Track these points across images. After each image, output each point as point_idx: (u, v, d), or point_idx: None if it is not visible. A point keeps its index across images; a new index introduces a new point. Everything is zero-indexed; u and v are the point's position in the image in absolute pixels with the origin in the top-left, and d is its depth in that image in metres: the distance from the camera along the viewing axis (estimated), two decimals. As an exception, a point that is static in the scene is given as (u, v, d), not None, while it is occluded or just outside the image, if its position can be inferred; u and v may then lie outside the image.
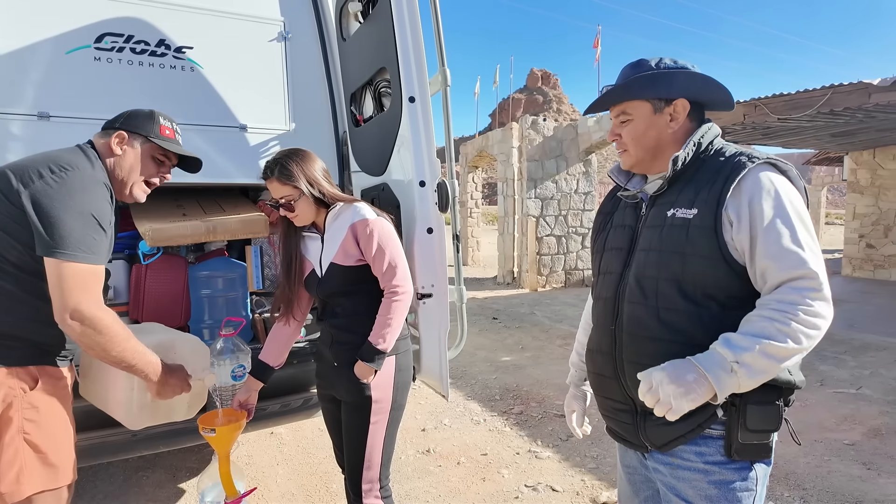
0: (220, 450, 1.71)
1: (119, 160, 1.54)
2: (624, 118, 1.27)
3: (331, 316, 1.84)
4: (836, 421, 3.75)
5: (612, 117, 1.31)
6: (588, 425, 1.56)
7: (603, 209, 1.45)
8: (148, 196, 1.65)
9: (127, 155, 1.55)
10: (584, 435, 1.56)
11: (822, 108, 6.37)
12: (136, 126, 1.57)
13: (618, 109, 1.28)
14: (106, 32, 2.27)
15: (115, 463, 3.06)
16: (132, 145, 1.55)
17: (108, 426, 1.85)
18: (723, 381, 1.05)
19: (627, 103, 1.26)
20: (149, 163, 1.59)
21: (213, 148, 2.48)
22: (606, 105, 1.30)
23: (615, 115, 1.29)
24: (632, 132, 1.26)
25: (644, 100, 1.24)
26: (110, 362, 1.42)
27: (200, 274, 2.53)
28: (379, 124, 2.47)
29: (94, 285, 1.36)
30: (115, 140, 1.53)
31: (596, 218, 1.48)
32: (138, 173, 1.57)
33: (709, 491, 1.16)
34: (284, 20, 2.65)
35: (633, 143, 1.27)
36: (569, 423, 1.56)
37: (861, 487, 2.87)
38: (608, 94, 1.27)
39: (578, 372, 1.58)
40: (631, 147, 1.27)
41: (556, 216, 10.49)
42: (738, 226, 1.10)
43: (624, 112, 1.27)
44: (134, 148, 1.56)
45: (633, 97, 1.25)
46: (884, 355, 5.36)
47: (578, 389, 1.58)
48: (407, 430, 3.62)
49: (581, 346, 1.56)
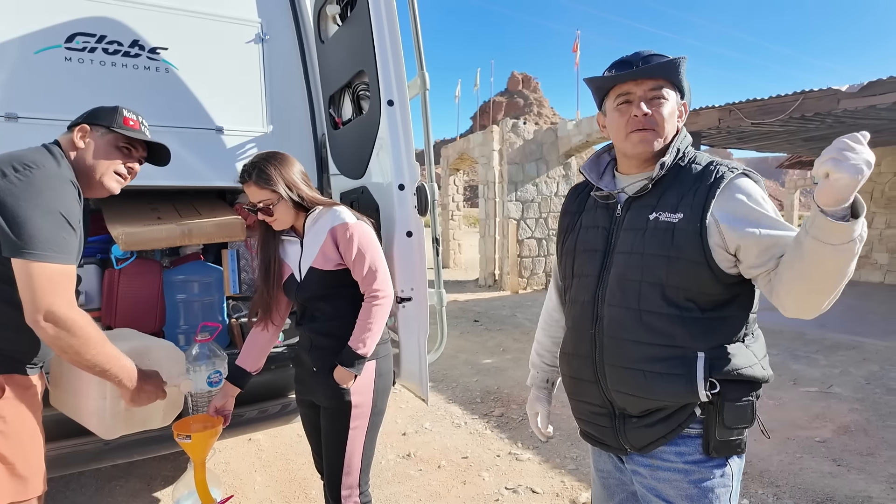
0: (196, 457, 1.68)
1: (82, 152, 1.50)
2: (659, 95, 1.18)
3: (310, 320, 1.82)
4: (807, 419, 3.84)
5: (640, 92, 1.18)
6: (551, 427, 1.54)
7: (568, 209, 1.42)
8: (121, 199, 1.61)
9: (89, 147, 1.51)
10: (547, 437, 1.53)
11: (793, 113, 6.53)
12: (98, 118, 1.53)
13: (655, 83, 1.18)
14: (77, 32, 2.22)
15: (87, 472, 2.99)
16: (94, 137, 1.52)
17: (80, 435, 1.80)
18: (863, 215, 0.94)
19: (665, 81, 1.18)
20: (113, 152, 1.54)
21: (188, 150, 2.44)
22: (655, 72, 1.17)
23: (650, 88, 1.18)
24: (667, 113, 1.19)
25: (676, 87, 1.20)
26: (84, 367, 1.38)
27: (175, 278, 2.49)
28: (358, 127, 2.46)
29: (67, 286, 1.32)
30: (77, 134, 1.49)
31: (562, 218, 1.43)
32: (104, 163, 1.53)
33: (689, 490, 1.18)
34: (262, 21, 2.63)
35: (664, 125, 1.19)
36: (532, 425, 1.55)
37: (832, 483, 2.94)
38: (665, 63, 1.16)
39: (540, 373, 1.56)
40: (661, 128, 1.19)
41: (536, 219, 10.57)
42: (731, 232, 1.11)
43: (662, 90, 1.18)
44: (96, 139, 1.52)
45: (675, 77, 1.19)
46: (853, 354, 5.51)
47: (541, 391, 1.56)
48: (387, 434, 3.61)
49: (541, 348, 1.56)
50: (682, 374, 1.14)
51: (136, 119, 1.59)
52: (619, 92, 1.22)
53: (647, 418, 1.20)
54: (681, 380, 1.14)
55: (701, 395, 1.13)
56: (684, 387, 1.14)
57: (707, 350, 1.14)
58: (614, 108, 1.23)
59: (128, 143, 1.57)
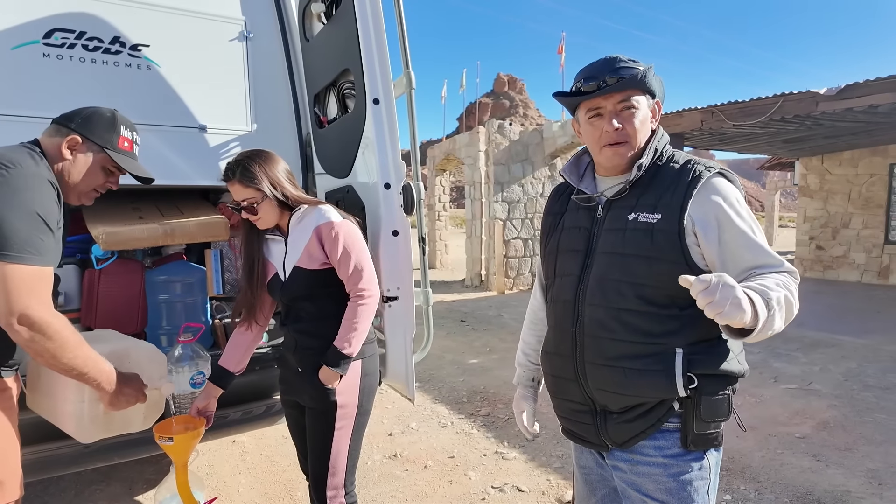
0: (178, 459, 1.66)
1: (68, 166, 1.45)
2: (629, 106, 1.21)
3: (294, 321, 1.80)
4: (788, 415, 3.91)
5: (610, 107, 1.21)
6: (537, 424, 1.55)
7: (551, 210, 1.43)
8: (102, 197, 1.58)
9: (77, 162, 1.46)
10: (533, 435, 1.54)
11: (773, 115, 6.64)
12: (94, 133, 1.47)
13: (623, 96, 1.20)
14: (56, 28, 2.18)
15: (67, 477, 2.93)
16: (85, 153, 1.46)
17: (58, 438, 1.77)
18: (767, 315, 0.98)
19: (633, 91, 1.20)
20: (98, 174, 1.50)
21: (171, 149, 2.41)
22: (621, 87, 1.19)
23: (618, 101, 1.20)
24: (638, 122, 1.21)
25: (646, 92, 1.22)
26: (60, 370, 1.35)
27: (158, 279, 2.45)
28: (343, 126, 2.45)
29: (43, 288, 1.29)
30: (66, 144, 1.44)
31: (544, 219, 1.45)
32: (86, 183, 1.49)
33: (668, 484, 1.20)
34: (245, 19, 2.61)
35: (636, 135, 1.22)
36: (518, 423, 1.55)
37: (811, 479, 3.00)
38: (629, 79, 1.18)
39: (526, 372, 1.57)
40: (633, 139, 1.22)
41: (522, 219, 10.61)
42: (705, 232, 1.14)
43: (632, 99, 1.20)
44: (86, 155, 1.46)
45: (642, 86, 1.21)
46: (832, 352, 5.62)
47: (527, 389, 1.57)
48: (373, 434, 3.59)
49: (527, 346, 1.57)
50: (660, 370, 1.16)
51: (131, 139, 1.55)
52: (589, 106, 1.24)
53: (627, 414, 1.22)
54: (659, 376, 1.16)
55: (679, 391, 1.15)
56: (663, 382, 1.16)
57: (685, 346, 1.16)
58: (587, 121, 1.26)
59: (117, 165, 1.53)
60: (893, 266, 10.24)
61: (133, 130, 1.57)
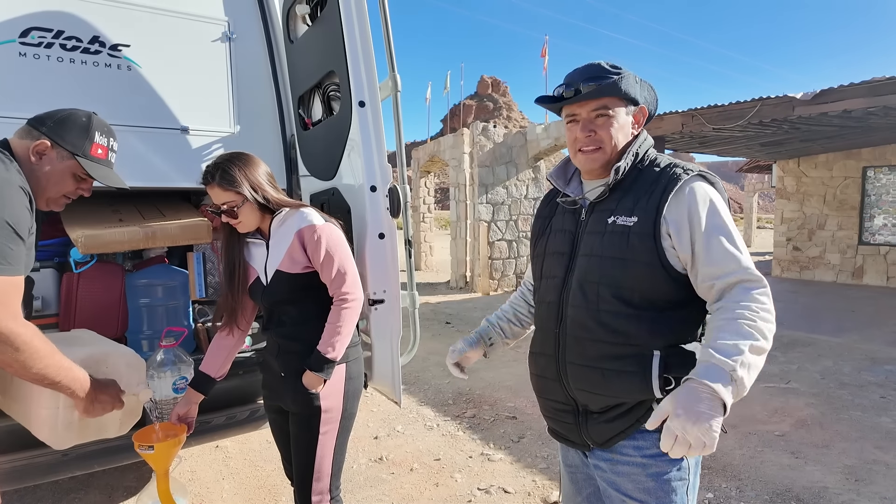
0: (159, 467, 1.63)
1: (35, 169, 1.39)
2: (604, 114, 1.23)
3: (277, 325, 1.79)
4: (767, 413, 3.98)
5: (585, 114, 1.24)
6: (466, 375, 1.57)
7: (541, 213, 1.47)
8: (80, 200, 1.54)
9: (45, 168, 1.40)
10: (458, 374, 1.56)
11: (751, 118, 6.77)
12: (65, 138, 1.41)
13: (598, 104, 1.23)
14: (33, 27, 2.13)
15: (44, 485, 2.86)
16: (53, 158, 1.40)
17: (35, 446, 1.72)
18: (730, 391, 1.02)
19: (609, 99, 1.23)
20: (68, 180, 1.44)
21: (152, 151, 2.37)
22: (595, 95, 1.22)
23: (592, 109, 1.23)
24: (613, 129, 1.24)
25: (624, 99, 1.24)
26: (31, 380, 1.31)
27: (139, 282, 2.41)
28: (328, 128, 2.43)
29: (11, 298, 1.25)
30: (34, 148, 1.38)
31: (535, 222, 1.49)
32: (55, 188, 1.43)
33: (646, 483, 1.22)
34: (229, 20, 2.58)
35: (610, 142, 1.24)
36: (448, 358, 1.57)
37: (790, 475, 3.06)
38: (602, 87, 1.21)
39: (489, 327, 1.60)
40: (607, 145, 1.24)
41: (507, 221, 10.65)
42: (679, 235, 1.16)
43: (606, 107, 1.23)
44: (55, 161, 1.40)
45: (618, 94, 1.22)
46: (809, 351, 5.74)
47: (475, 335, 1.59)
48: (359, 438, 3.57)
49: (500, 311, 1.62)
50: (637, 371, 1.18)
51: (106, 145, 1.49)
52: (567, 112, 1.28)
53: (607, 414, 1.24)
54: (636, 377, 1.18)
55: (656, 392, 1.17)
56: (639, 384, 1.18)
57: (663, 348, 1.18)
58: (566, 126, 1.31)
59: (87, 172, 1.47)
60: (867, 266, 10.50)
61: (110, 136, 1.51)
